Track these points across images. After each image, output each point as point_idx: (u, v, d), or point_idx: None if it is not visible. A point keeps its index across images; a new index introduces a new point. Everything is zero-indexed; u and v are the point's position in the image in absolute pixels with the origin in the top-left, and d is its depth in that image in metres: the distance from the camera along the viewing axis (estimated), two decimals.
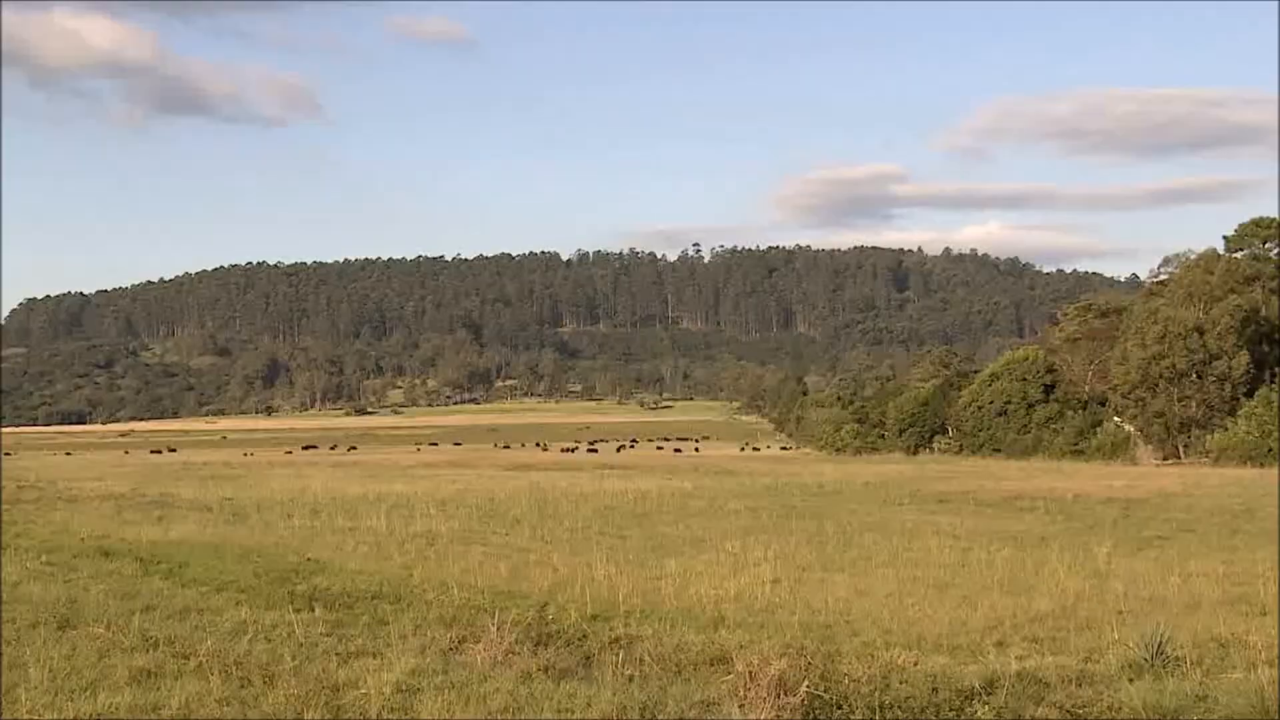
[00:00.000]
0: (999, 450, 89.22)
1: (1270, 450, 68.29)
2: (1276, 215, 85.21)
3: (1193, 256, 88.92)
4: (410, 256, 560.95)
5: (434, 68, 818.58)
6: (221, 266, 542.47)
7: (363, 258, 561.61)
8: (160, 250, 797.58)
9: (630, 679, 11.74)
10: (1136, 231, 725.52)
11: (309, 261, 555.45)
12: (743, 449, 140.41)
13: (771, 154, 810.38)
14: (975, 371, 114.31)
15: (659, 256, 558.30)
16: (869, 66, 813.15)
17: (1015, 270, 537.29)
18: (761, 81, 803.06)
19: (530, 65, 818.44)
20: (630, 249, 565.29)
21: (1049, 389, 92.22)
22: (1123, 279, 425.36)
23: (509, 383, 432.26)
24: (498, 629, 13.06)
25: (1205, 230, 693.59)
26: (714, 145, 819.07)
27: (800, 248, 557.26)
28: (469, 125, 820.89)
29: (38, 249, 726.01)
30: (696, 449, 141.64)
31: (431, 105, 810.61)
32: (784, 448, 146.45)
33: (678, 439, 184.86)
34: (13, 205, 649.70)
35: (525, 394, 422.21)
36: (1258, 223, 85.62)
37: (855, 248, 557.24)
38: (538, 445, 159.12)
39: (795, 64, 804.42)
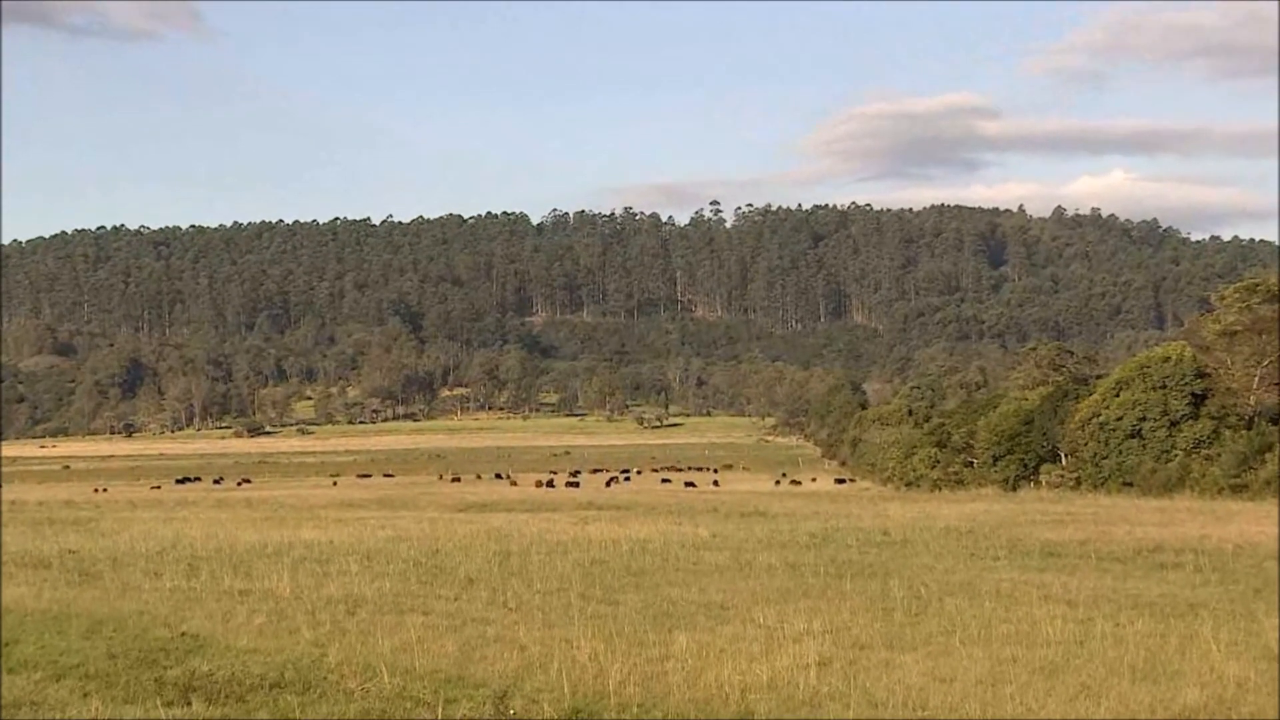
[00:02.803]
0: (1130, 484, 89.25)
1: None
2: None
3: None
4: (324, 220, 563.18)
5: None
6: (63, 232, 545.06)
7: (258, 221, 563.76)
8: None
9: None
10: None
11: (184, 226, 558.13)
12: (778, 482, 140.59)
13: (814, 83, 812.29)
14: (1098, 376, 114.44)
15: (663, 220, 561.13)
16: None
17: (1153, 237, 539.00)
18: None
19: None
20: (624, 209, 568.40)
21: (1199, 400, 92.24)
22: None
23: (459, 392, 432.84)
24: None
25: None
26: (734, 72, 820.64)
27: (856, 207, 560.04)
28: (403, 41, 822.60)
29: None
30: (715, 482, 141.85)
31: (354, 15, 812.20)
32: (838, 480, 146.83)
33: (689, 468, 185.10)
34: None
35: (482, 407, 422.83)
36: None
37: (932, 207, 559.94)
38: (499, 477, 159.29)
39: None
